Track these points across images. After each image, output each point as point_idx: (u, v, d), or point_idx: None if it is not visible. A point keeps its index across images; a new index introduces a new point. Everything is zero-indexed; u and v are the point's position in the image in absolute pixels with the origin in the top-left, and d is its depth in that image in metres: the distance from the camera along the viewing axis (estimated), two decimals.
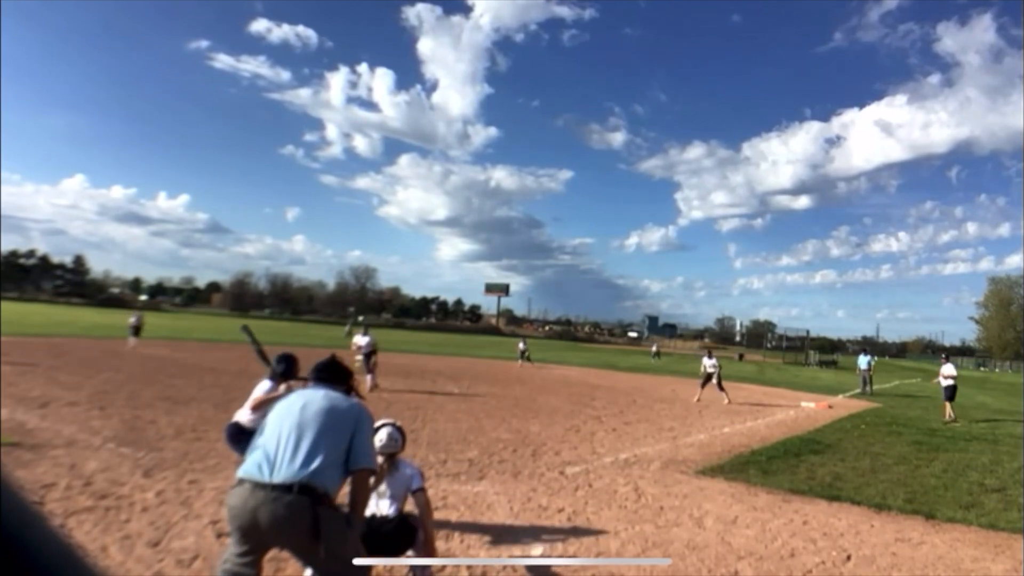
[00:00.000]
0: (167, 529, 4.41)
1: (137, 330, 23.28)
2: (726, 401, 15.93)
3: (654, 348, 49.76)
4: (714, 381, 16.50)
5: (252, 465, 2.70)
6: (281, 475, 2.64)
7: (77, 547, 0.52)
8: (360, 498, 2.90)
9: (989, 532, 5.70)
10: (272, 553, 4.18)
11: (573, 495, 6.11)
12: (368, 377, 14.17)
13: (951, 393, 14.83)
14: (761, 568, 4.45)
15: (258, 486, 2.63)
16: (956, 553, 5.08)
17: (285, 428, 2.77)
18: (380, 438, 3.74)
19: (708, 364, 16.59)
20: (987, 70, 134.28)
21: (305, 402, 2.88)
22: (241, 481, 2.67)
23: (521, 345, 28.43)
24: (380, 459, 3.76)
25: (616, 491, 6.35)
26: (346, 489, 2.80)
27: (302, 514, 2.61)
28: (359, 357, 14.71)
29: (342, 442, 2.79)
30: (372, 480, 3.56)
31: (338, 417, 2.83)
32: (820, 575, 4.44)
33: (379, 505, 3.72)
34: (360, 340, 15.40)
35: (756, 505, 6.13)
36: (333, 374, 3.10)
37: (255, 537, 2.67)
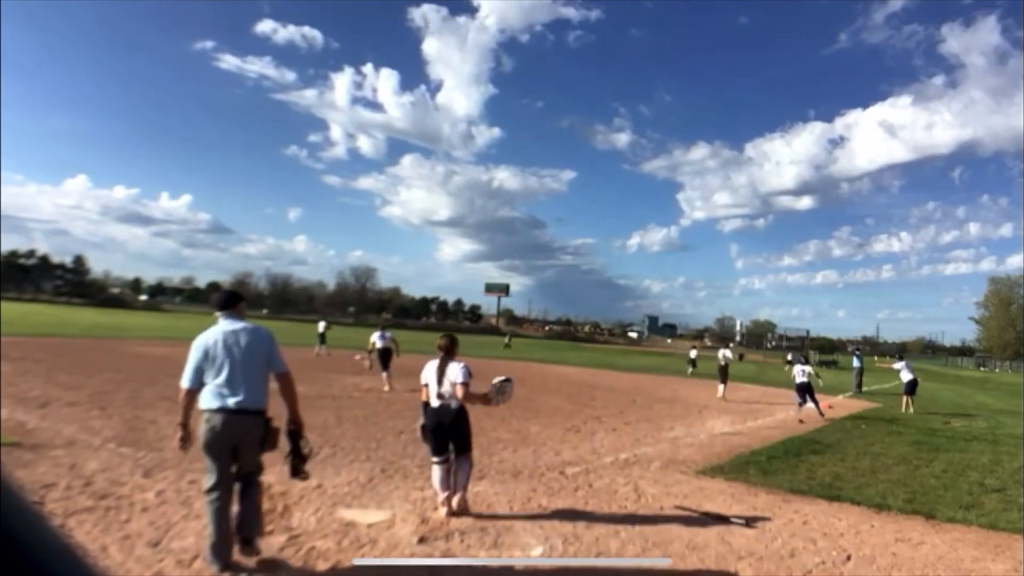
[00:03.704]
0: (167, 529, 4.41)
1: (323, 337, 23.42)
2: (721, 395, 16.52)
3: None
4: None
5: (218, 396, 3.79)
6: (242, 402, 3.79)
7: (77, 547, 0.52)
8: (291, 395, 4.01)
9: (989, 532, 5.70)
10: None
11: (573, 495, 6.11)
12: (384, 375, 14.23)
13: (908, 387, 16.58)
14: (761, 568, 4.45)
15: (231, 412, 3.76)
16: (956, 553, 5.08)
17: (229, 364, 3.83)
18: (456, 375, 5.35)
19: (723, 355, 17.50)
20: (991, 71, 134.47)
21: (233, 340, 3.88)
22: (218, 410, 3.76)
23: (693, 353, 27.44)
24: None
25: (616, 491, 6.35)
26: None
27: (258, 429, 3.87)
28: (364, 354, 14.61)
29: (265, 364, 3.97)
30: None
31: (258, 346, 3.95)
32: (820, 575, 4.44)
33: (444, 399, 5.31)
34: (375, 338, 15.29)
35: (756, 505, 6.13)
36: (233, 301, 4.14)
37: (228, 451, 3.79)
